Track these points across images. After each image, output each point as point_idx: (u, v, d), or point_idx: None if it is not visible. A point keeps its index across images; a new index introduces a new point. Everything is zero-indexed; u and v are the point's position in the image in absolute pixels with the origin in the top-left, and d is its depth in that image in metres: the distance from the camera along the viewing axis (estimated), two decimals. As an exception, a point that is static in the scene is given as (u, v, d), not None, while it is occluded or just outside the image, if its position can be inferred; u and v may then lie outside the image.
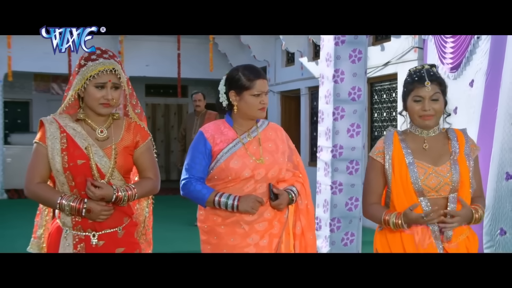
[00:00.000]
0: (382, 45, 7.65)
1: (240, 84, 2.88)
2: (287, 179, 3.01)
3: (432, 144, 2.63)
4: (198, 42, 11.52)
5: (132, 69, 11.54)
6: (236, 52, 11.66)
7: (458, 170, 2.56)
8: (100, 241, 2.55)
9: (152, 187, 2.68)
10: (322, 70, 5.36)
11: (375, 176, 2.67)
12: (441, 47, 6.15)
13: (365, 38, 5.24)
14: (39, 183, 2.53)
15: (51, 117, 2.59)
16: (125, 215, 2.63)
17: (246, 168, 2.85)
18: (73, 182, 2.51)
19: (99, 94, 2.53)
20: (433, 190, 2.56)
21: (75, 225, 2.53)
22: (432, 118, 2.58)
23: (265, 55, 10.77)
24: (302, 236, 3.03)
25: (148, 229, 2.86)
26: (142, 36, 11.48)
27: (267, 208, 2.91)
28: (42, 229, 2.72)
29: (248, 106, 2.88)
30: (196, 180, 2.89)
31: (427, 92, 2.56)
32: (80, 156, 2.52)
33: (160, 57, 11.55)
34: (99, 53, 2.57)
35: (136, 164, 2.68)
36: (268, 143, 2.95)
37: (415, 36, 6.90)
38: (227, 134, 2.92)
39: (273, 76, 10.86)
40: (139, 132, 2.67)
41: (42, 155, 2.53)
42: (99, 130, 2.58)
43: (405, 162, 2.59)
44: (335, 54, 5.12)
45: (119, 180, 2.58)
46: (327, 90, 5.23)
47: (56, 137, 2.53)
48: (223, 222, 2.88)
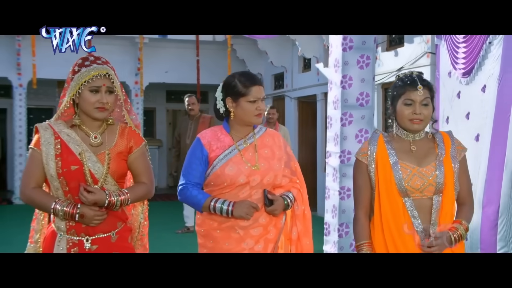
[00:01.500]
0: (396, 51, 7.62)
1: (236, 91, 2.91)
2: (283, 185, 3.03)
3: (418, 146, 2.64)
4: (217, 48, 11.61)
5: (152, 75, 11.70)
6: (254, 58, 11.73)
7: (443, 172, 2.57)
8: (94, 246, 2.60)
9: (146, 192, 2.72)
10: (330, 76, 5.38)
11: (362, 180, 2.68)
12: (453, 52, 6.10)
13: (373, 43, 5.25)
14: (34, 188, 2.59)
15: (46, 123, 2.65)
16: (118, 220, 2.67)
17: (241, 174, 2.88)
18: (67, 187, 2.57)
19: (94, 98, 2.57)
20: (417, 190, 2.57)
21: (69, 230, 2.58)
22: (421, 123, 2.60)
23: (282, 61, 10.79)
24: (298, 241, 3.05)
25: (143, 235, 2.89)
26: (161, 43, 11.62)
27: (262, 214, 2.93)
28: (38, 234, 2.77)
29: (244, 113, 2.91)
30: (193, 186, 2.93)
31: (419, 96, 2.57)
32: (73, 162, 2.57)
33: (179, 63, 11.67)
34: (92, 59, 2.61)
35: (130, 169, 2.72)
36: (264, 150, 2.97)
37: (427, 41, 6.87)
38: (224, 140, 2.96)
39: (290, 81, 10.88)
40: (133, 138, 2.71)
41: (37, 161, 2.58)
42: (93, 136, 2.63)
43: (389, 162, 2.61)
44: (343, 60, 5.14)
45: (112, 185, 2.63)
46: (335, 96, 5.25)
47: (51, 143, 2.58)
48: (219, 226, 2.92)
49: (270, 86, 11.70)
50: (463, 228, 2.60)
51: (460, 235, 2.57)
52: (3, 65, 10.91)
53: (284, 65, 10.86)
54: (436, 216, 2.59)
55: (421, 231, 2.57)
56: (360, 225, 2.68)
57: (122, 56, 11.44)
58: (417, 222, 2.58)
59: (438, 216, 2.59)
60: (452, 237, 2.55)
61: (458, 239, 2.57)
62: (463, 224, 2.61)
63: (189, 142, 7.44)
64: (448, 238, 2.54)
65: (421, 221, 2.58)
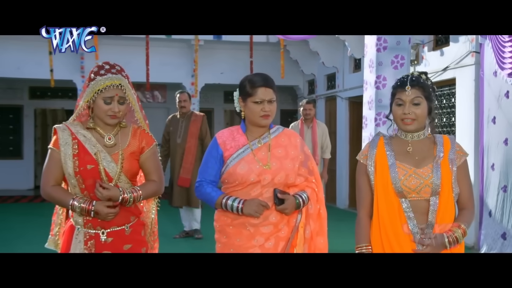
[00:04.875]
0: (442, 50, 7.51)
1: (245, 91, 3.02)
2: (298, 184, 3.08)
3: (416, 148, 2.67)
4: (271, 49, 11.74)
5: (207, 77, 11.98)
6: (307, 58, 11.79)
7: (439, 173, 2.59)
8: (109, 238, 2.78)
9: (156, 189, 2.90)
10: (365, 77, 5.41)
11: (363, 181, 2.74)
12: (499, 51, 5.97)
13: (408, 44, 5.24)
14: (53, 186, 2.78)
15: (63, 124, 2.84)
16: (132, 214, 2.85)
17: (252, 173, 2.96)
18: (83, 185, 2.75)
19: (106, 107, 2.75)
20: (413, 191, 2.60)
21: (86, 224, 2.78)
22: (412, 122, 2.63)
23: (334, 61, 10.81)
24: (311, 240, 3.08)
25: (155, 229, 3.08)
26: (216, 45, 11.87)
27: (272, 212, 2.99)
28: (58, 227, 2.99)
29: (251, 113, 3.01)
30: (207, 183, 3.05)
31: (407, 96, 2.61)
32: (90, 161, 2.75)
33: (234, 65, 11.86)
34: (108, 68, 2.77)
35: (142, 167, 2.90)
36: (278, 149, 3.04)
37: (472, 40, 6.74)
38: (239, 140, 3.05)
39: (342, 82, 10.89)
40: (145, 138, 2.89)
41: (56, 160, 2.78)
42: (107, 137, 2.81)
43: (387, 163, 2.65)
44: (377, 60, 5.17)
45: (125, 183, 2.81)
46: (370, 96, 5.28)
47: (68, 143, 2.77)
48: (231, 222, 3.02)
49: (323, 86, 11.73)
50: (461, 232, 2.60)
51: (456, 238, 2.58)
52: (68, 68, 11.41)
53: (335, 66, 10.88)
54: (433, 218, 2.60)
55: (416, 232, 2.60)
56: (361, 226, 2.73)
57: (179, 58, 11.82)
58: (412, 223, 2.60)
59: (435, 217, 2.61)
60: (446, 239, 2.57)
61: (454, 242, 2.58)
62: (461, 227, 2.61)
63: (180, 142, 7.24)
64: (442, 240, 2.56)
65: (418, 222, 2.60)
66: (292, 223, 3.06)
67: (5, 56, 10.82)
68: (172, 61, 11.86)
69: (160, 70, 11.51)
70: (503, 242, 5.51)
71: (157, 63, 11.28)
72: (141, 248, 2.89)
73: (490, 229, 5.81)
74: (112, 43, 11.15)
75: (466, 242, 6.80)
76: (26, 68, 11.26)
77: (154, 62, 11.06)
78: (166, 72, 11.76)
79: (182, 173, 7.18)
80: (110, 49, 10.93)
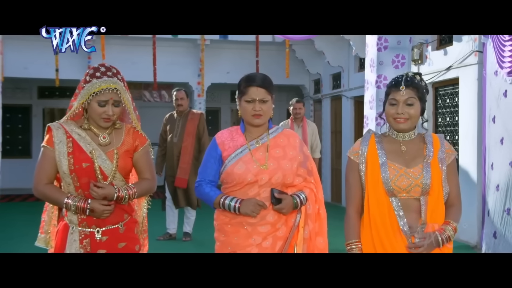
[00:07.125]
0: (445, 49, 7.50)
1: (240, 90, 3.05)
2: (296, 184, 3.09)
3: (408, 147, 2.69)
4: (277, 49, 11.76)
5: (214, 76, 12.02)
6: (313, 58, 11.81)
7: (429, 173, 2.61)
8: (104, 236, 2.81)
9: (150, 187, 2.94)
10: (366, 76, 5.43)
11: (353, 178, 2.76)
12: (499, 51, 5.96)
13: (408, 43, 5.25)
14: (46, 184, 2.80)
15: (57, 123, 2.86)
16: (125, 212, 2.88)
17: (249, 173, 2.98)
18: (78, 183, 2.77)
19: (100, 110, 2.77)
20: (404, 191, 2.62)
21: (81, 222, 2.79)
22: (405, 122, 2.66)
23: (339, 61, 10.82)
24: (310, 240, 3.08)
25: (145, 227, 3.12)
26: (222, 44, 11.90)
27: (270, 212, 3.00)
28: (48, 225, 2.99)
29: (243, 112, 3.03)
30: (206, 183, 3.08)
31: (401, 96, 2.64)
32: (85, 159, 2.77)
33: (240, 64, 11.85)
34: (103, 70, 2.78)
35: (135, 166, 2.93)
36: (276, 150, 3.05)
37: (475, 40, 6.73)
38: (237, 140, 3.08)
39: (347, 81, 10.89)
40: (138, 138, 2.92)
41: (50, 158, 2.79)
42: (102, 136, 2.83)
43: (378, 162, 2.67)
44: (378, 60, 5.19)
45: (120, 181, 2.84)
46: (371, 96, 5.29)
47: (63, 142, 2.79)
48: (229, 221, 3.04)
49: (329, 85, 11.74)
50: (451, 229, 2.62)
51: (448, 236, 2.61)
52: (76, 68, 11.34)
53: (341, 65, 10.89)
54: (423, 217, 2.62)
55: (406, 231, 2.62)
56: (350, 223, 2.74)
57: (185, 57, 11.87)
58: (402, 222, 2.62)
59: (425, 216, 2.63)
60: (440, 238, 2.59)
61: (446, 240, 2.60)
62: (451, 224, 2.63)
63: (177, 141, 7.07)
64: (435, 239, 2.58)
65: (408, 221, 2.62)
66: (291, 222, 3.07)
67: (12, 56, 10.90)
68: (179, 61, 11.91)
69: (167, 70, 11.55)
70: (495, 241, 5.52)
71: (163, 63, 11.32)
72: (134, 246, 2.92)
73: (487, 228, 5.82)
74: (119, 43, 11.22)
75: (469, 241, 6.80)
76: (33, 68, 11.35)
77: (160, 62, 11.10)
78: (173, 72, 11.81)
79: (179, 173, 7.01)
80: (117, 49, 11.01)
